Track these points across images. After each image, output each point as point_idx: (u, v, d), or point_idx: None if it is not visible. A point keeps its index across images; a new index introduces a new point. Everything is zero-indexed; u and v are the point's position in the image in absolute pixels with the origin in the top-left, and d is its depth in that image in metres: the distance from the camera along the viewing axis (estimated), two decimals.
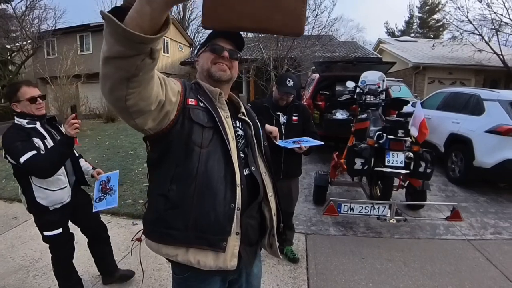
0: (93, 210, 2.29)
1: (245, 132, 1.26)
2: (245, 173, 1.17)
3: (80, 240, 3.17)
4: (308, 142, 2.38)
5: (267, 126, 2.10)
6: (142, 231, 1.21)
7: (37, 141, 1.92)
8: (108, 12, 0.65)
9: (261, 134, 1.33)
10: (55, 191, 2.03)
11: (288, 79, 2.54)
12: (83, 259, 2.83)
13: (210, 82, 1.21)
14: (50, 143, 2.00)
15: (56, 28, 16.48)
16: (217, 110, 1.16)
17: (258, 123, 1.37)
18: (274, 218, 1.25)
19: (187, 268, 1.10)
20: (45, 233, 2.08)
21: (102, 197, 2.28)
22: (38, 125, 2.00)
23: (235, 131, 1.21)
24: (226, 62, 1.19)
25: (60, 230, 2.10)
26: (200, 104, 1.13)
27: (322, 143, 2.44)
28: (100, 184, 2.32)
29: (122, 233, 3.37)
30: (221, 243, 1.07)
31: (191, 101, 1.10)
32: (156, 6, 0.62)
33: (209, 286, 1.18)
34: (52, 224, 2.08)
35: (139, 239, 1.23)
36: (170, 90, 1.00)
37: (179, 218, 1.06)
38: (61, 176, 2.06)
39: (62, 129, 2.04)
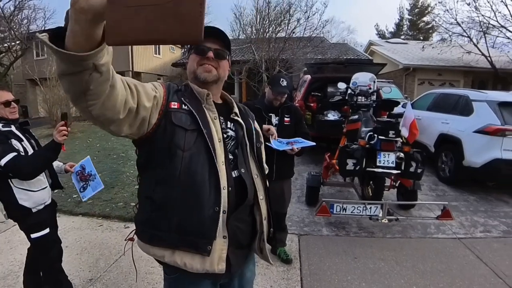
0: (83, 200, 2.34)
1: (237, 133, 1.24)
2: (234, 175, 1.16)
3: (72, 245, 3.14)
4: (300, 143, 2.40)
5: (264, 126, 2.12)
6: (134, 231, 1.21)
7: (15, 143, 1.92)
8: (51, 30, 0.67)
9: (254, 135, 1.31)
10: (37, 191, 2.02)
11: (281, 79, 2.58)
12: (74, 263, 2.80)
13: (198, 83, 1.20)
14: (27, 145, 2.01)
15: (46, 28, 16.25)
16: (203, 111, 1.15)
17: (252, 123, 1.35)
18: (265, 222, 1.24)
19: (175, 269, 1.10)
20: (33, 236, 2.04)
21: (85, 185, 2.31)
22: (13, 128, 2.00)
23: (225, 132, 1.20)
24: (212, 63, 1.18)
25: (47, 230, 2.08)
26: (184, 107, 1.12)
27: (314, 144, 2.45)
28: (77, 175, 2.33)
29: (114, 237, 3.33)
30: (206, 246, 1.07)
31: (174, 105, 1.11)
32: (84, 25, 0.62)
33: None
34: (38, 224, 2.04)
35: (131, 239, 1.24)
36: (144, 96, 0.99)
37: (164, 220, 1.08)
38: (41, 177, 2.06)
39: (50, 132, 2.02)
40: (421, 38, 29.56)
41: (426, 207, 4.08)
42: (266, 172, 1.55)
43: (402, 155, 3.20)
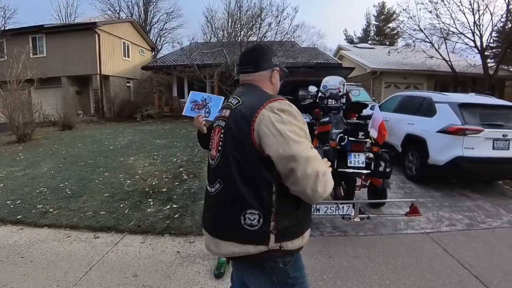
0: None
1: None
2: None
3: (37, 259, 2.97)
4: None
5: None
6: (278, 239, 1.36)
7: None
8: None
9: None
10: None
11: None
12: (40, 279, 2.65)
13: None
14: None
15: (6, 28, 15.36)
16: None
17: None
18: None
19: (291, 254, 1.43)
20: None
21: None
22: None
23: None
24: None
25: None
26: None
27: None
28: None
29: (83, 248, 3.17)
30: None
31: None
32: None
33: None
34: None
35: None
36: None
37: (299, 219, 1.44)
38: None
39: None
40: (387, 43, 30.80)
41: (395, 204, 4.23)
42: None
43: (371, 155, 3.31)
